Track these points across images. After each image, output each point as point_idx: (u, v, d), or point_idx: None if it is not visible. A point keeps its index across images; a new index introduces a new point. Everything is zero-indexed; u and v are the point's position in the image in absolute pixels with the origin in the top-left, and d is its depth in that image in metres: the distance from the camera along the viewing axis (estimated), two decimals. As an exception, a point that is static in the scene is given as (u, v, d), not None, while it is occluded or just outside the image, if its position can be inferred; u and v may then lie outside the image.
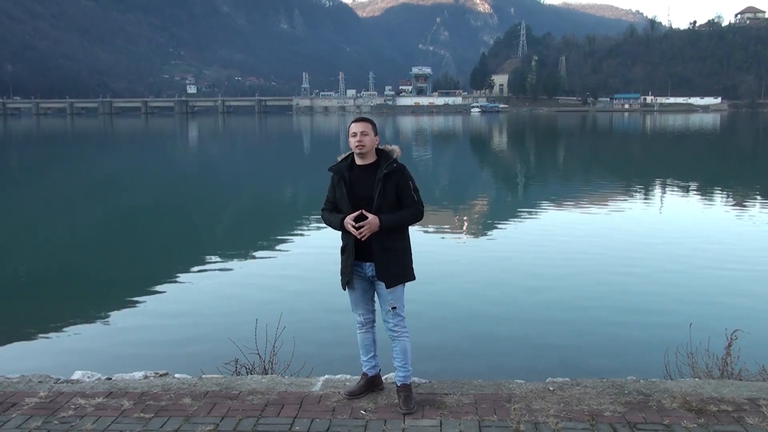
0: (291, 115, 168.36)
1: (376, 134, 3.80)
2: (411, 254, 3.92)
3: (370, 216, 3.66)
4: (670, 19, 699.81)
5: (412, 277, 3.91)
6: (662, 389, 4.05)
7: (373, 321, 4.02)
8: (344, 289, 3.96)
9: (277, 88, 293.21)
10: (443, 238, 13.24)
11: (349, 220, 3.68)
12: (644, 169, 30.72)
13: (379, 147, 3.86)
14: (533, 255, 11.30)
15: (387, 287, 3.78)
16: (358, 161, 3.83)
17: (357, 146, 3.75)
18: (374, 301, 4.00)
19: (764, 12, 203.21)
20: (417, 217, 3.80)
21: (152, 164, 36.42)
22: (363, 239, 3.68)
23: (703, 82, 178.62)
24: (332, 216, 3.84)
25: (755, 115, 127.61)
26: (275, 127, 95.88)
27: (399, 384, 3.89)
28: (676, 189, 21.72)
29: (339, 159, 3.91)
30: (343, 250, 3.89)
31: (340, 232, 3.86)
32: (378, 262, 3.75)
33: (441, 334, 7.25)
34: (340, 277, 3.93)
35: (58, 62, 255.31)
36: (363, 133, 3.74)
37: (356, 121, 3.81)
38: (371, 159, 3.82)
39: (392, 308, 3.83)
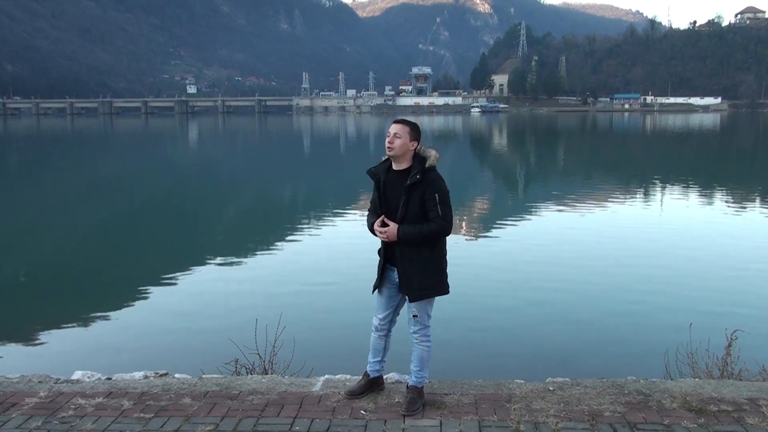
0: (291, 115, 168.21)
1: (412, 139, 3.60)
2: (440, 266, 3.72)
3: (391, 224, 3.62)
4: (670, 19, 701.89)
5: (440, 291, 3.72)
6: (662, 389, 4.04)
7: (389, 330, 3.93)
8: (372, 293, 3.90)
9: (277, 88, 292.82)
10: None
11: (376, 225, 3.68)
12: (644, 169, 30.69)
13: (418, 152, 3.67)
14: (533, 255, 11.30)
15: (410, 301, 3.73)
16: (393, 165, 3.70)
17: (387, 146, 3.63)
18: (396, 312, 3.92)
19: (764, 12, 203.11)
20: (440, 232, 3.60)
21: (152, 164, 36.40)
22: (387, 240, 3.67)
23: (703, 82, 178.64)
24: (370, 218, 3.81)
25: (755, 115, 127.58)
26: (275, 127, 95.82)
27: (409, 384, 3.89)
28: (675, 189, 21.72)
29: (382, 159, 3.79)
30: (379, 252, 3.84)
31: None
32: (401, 272, 3.69)
33: (441, 333, 7.19)
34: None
35: (58, 62, 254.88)
36: (396, 135, 3.59)
37: (395, 121, 3.69)
38: (405, 164, 3.65)
39: (413, 316, 3.79)
